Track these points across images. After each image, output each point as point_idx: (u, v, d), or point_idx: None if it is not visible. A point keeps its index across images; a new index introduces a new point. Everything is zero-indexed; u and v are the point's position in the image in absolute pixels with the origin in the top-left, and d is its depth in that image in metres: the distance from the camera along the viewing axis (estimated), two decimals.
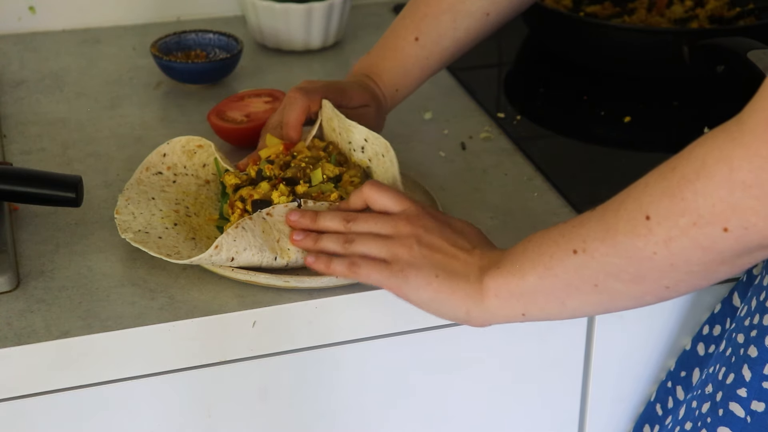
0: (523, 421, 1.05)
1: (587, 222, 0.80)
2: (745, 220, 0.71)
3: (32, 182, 0.95)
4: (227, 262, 0.89)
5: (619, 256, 0.77)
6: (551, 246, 0.82)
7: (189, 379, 0.92)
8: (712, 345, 1.00)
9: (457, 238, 0.88)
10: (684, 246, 0.74)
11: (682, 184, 0.73)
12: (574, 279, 0.80)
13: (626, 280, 0.78)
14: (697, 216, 0.72)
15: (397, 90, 1.08)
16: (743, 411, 0.89)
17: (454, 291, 0.86)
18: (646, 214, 0.75)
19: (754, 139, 0.69)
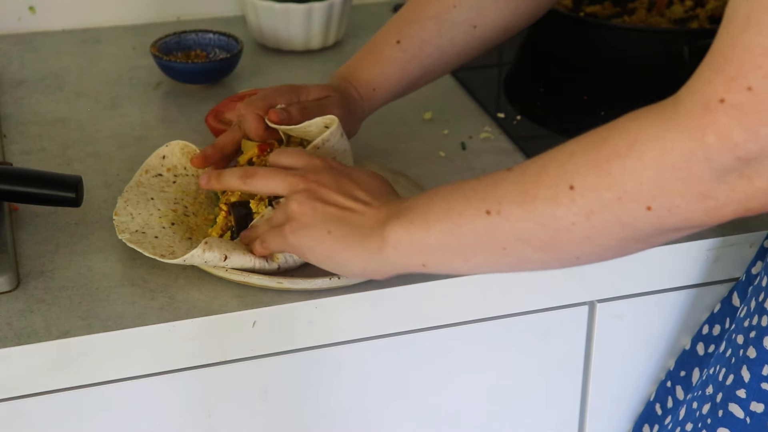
0: (523, 420, 1.05)
1: (503, 182, 0.77)
2: (669, 201, 0.70)
3: (32, 182, 0.95)
4: (221, 260, 0.89)
5: (535, 222, 0.75)
6: (461, 202, 0.79)
7: (189, 379, 0.92)
8: (711, 345, 1.00)
9: (354, 189, 0.87)
10: (605, 220, 0.72)
11: (612, 158, 0.71)
12: (482, 239, 0.78)
13: (537, 247, 0.76)
14: (623, 192, 0.71)
15: (374, 89, 1.06)
16: (742, 412, 0.89)
17: (349, 246, 0.84)
18: (570, 184, 0.73)
19: (688, 121, 0.68)
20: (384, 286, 0.92)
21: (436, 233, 0.80)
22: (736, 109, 0.66)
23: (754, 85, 0.65)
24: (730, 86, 0.66)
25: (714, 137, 0.67)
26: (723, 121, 0.66)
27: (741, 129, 0.66)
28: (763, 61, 0.64)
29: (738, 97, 0.65)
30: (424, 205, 0.82)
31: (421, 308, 0.94)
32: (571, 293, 0.99)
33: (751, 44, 0.65)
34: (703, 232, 1.00)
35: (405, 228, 0.82)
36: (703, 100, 0.67)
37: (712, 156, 0.67)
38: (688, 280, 1.01)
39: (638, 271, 0.99)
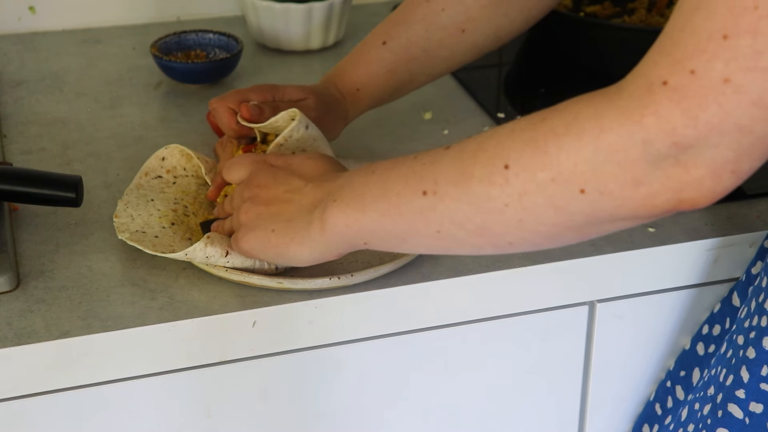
0: (523, 420, 1.05)
1: (441, 160, 0.76)
2: (602, 185, 0.68)
3: (32, 182, 0.95)
4: (223, 256, 0.89)
5: (468, 203, 0.74)
6: (399, 182, 0.78)
7: (189, 379, 0.92)
8: (711, 345, 1.00)
9: (291, 179, 0.86)
10: (537, 202, 0.71)
11: (549, 137, 0.70)
12: (417, 221, 0.77)
13: (470, 230, 0.75)
14: (557, 172, 0.69)
15: (358, 89, 1.05)
16: (742, 412, 0.89)
17: (292, 238, 0.84)
18: (505, 163, 0.71)
19: (630, 103, 0.66)
20: (384, 286, 0.92)
21: (373, 214, 0.79)
22: (677, 92, 0.64)
23: (697, 68, 0.64)
24: (674, 68, 0.65)
25: (653, 119, 0.65)
26: (663, 104, 0.65)
27: (680, 113, 0.64)
28: (708, 45, 0.63)
29: (680, 80, 0.64)
30: (360, 184, 0.81)
31: (421, 308, 0.94)
32: (571, 293, 0.99)
33: (698, 28, 0.64)
34: (703, 233, 1.00)
35: (342, 210, 0.81)
36: (647, 82, 0.66)
37: (649, 139, 0.66)
38: (689, 280, 1.01)
39: (638, 271, 0.99)
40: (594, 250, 0.97)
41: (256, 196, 0.87)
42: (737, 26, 0.62)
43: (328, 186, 0.84)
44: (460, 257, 0.96)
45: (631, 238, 0.99)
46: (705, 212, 1.03)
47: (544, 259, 0.96)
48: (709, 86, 0.63)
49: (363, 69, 1.05)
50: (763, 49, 0.62)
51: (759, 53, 0.62)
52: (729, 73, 0.63)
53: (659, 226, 1.01)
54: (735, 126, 0.64)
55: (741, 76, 0.62)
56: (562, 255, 0.97)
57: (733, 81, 0.63)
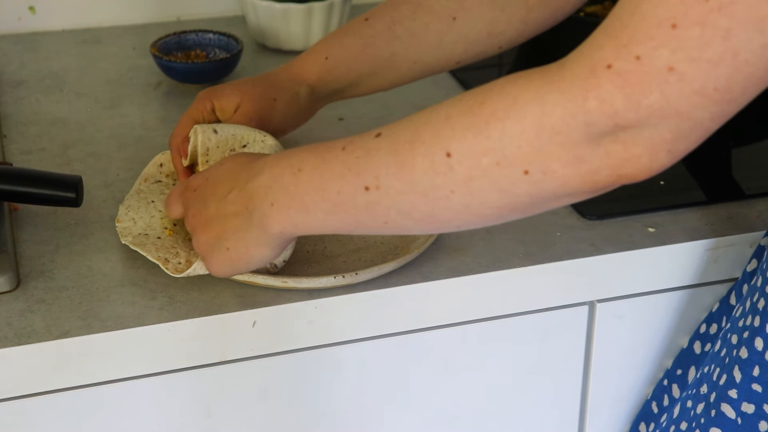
0: (523, 420, 1.05)
1: (376, 153, 0.75)
2: (545, 165, 0.68)
3: (32, 182, 0.95)
4: None
5: (414, 194, 0.73)
6: (336, 180, 0.77)
7: (189, 379, 0.92)
8: (708, 343, 1.00)
9: (215, 193, 0.85)
10: (483, 187, 0.71)
11: (490, 122, 0.69)
12: (363, 215, 0.77)
13: (417, 219, 0.75)
14: (501, 156, 0.69)
15: (326, 58, 1.00)
16: (734, 412, 0.89)
17: (247, 247, 0.84)
18: (447, 151, 0.71)
19: (572, 84, 0.66)
20: (384, 286, 0.92)
21: (317, 213, 0.79)
22: (621, 76, 0.65)
23: (642, 54, 0.64)
24: (619, 53, 0.65)
25: (595, 102, 0.65)
26: (606, 87, 0.65)
27: (623, 97, 0.65)
28: (657, 32, 0.63)
29: (625, 65, 0.64)
30: (292, 185, 0.79)
31: (421, 308, 0.94)
32: (571, 293, 0.99)
33: (648, 14, 0.64)
34: (703, 233, 1.00)
35: (283, 213, 0.80)
36: (591, 63, 0.66)
37: (592, 121, 0.66)
38: (688, 280, 1.01)
39: (638, 271, 0.99)
40: (594, 250, 0.97)
41: (196, 227, 0.86)
42: (687, 16, 0.62)
43: (250, 187, 0.82)
44: (461, 258, 0.96)
45: (631, 238, 0.99)
46: (705, 212, 1.03)
47: (544, 259, 0.96)
48: (653, 73, 0.64)
49: (336, 39, 1.01)
50: (710, 41, 0.62)
51: (705, 44, 0.62)
52: (674, 61, 0.63)
53: (659, 226, 1.01)
54: (675, 111, 0.64)
55: (685, 66, 0.63)
56: (562, 255, 0.97)
57: (677, 69, 0.63)
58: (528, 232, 0.99)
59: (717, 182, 1.09)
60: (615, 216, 1.02)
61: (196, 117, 1.01)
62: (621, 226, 1.01)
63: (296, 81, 1.02)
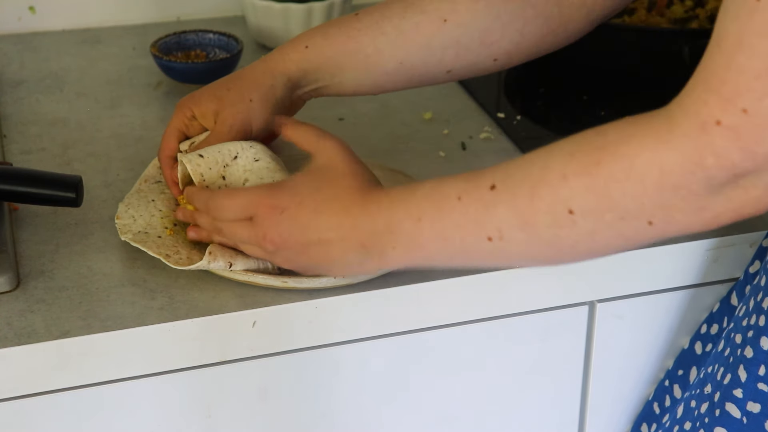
0: (523, 420, 1.05)
1: (495, 207, 0.76)
2: (669, 216, 0.71)
3: (32, 182, 0.95)
4: (227, 267, 0.90)
5: (539, 245, 0.76)
6: (455, 229, 0.78)
7: (189, 379, 0.92)
8: (709, 344, 1.00)
9: (328, 224, 0.83)
10: (607, 237, 0.74)
11: (610, 184, 0.72)
12: (488, 259, 0.80)
13: (542, 261, 0.79)
14: (624, 212, 0.72)
15: (307, 47, 0.98)
16: (739, 412, 0.89)
17: (352, 272, 0.87)
18: (568, 209, 0.73)
19: (686, 144, 0.69)
20: (384, 286, 0.92)
21: (440, 258, 0.81)
22: (731, 131, 0.67)
23: (749, 107, 0.66)
24: (725, 108, 0.67)
25: (712, 159, 0.68)
26: (720, 143, 0.68)
27: (738, 150, 0.67)
28: (756, 84, 0.66)
29: (734, 119, 0.67)
30: (414, 233, 0.80)
31: (421, 308, 0.94)
32: (571, 293, 0.99)
33: (744, 67, 0.66)
34: (703, 233, 1.00)
35: (407, 257, 0.81)
36: (699, 121, 0.68)
37: (711, 175, 0.69)
38: (689, 280, 1.01)
39: (638, 271, 0.99)
40: None
41: (287, 247, 0.85)
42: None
43: (368, 225, 0.82)
44: None
45: None
46: None
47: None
48: (763, 123, 0.67)
49: (321, 30, 0.99)
50: None
51: None
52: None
53: None
54: None
55: None
56: None
57: None
58: None
59: None
60: None
61: (179, 127, 1.00)
62: None
63: (272, 73, 0.99)
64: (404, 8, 0.98)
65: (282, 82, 0.99)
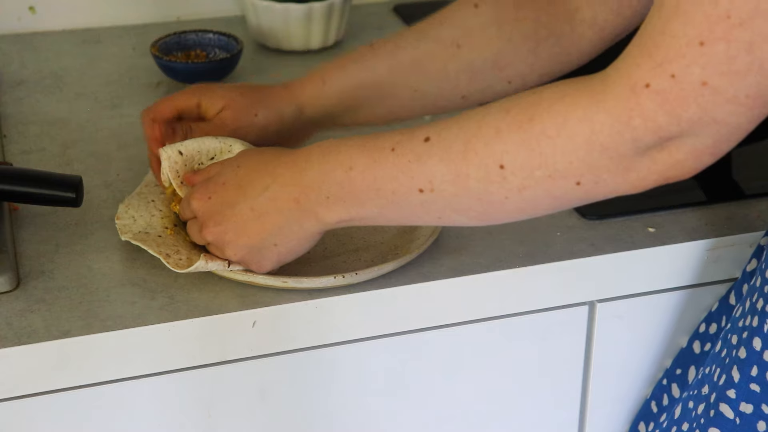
0: (523, 420, 1.05)
1: (428, 159, 0.78)
2: (597, 176, 0.73)
3: (32, 182, 0.95)
4: (226, 266, 0.90)
5: (469, 197, 0.78)
6: (389, 180, 0.80)
7: (189, 379, 0.92)
8: (707, 343, 1.00)
9: (257, 189, 0.86)
10: (536, 194, 0.76)
11: (542, 139, 0.73)
12: (418, 211, 0.81)
13: (472, 216, 0.80)
14: (554, 170, 0.74)
15: (324, 82, 1.00)
16: (732, 412, 0.89)
17: (298, 241, 0.87)
18: (500, 163, 0.75)
19: (616, 104, 0.71)
20: (384, 286, 0.92)
21: (372, 208, 0.82)
22: (659, 95, 0.69)
23: (677, 72, 0.68)
24: (655, 72, 0.69)
25: (639, 120, 0.70)
26: (648, 106, 0.69)
27: (664, 113, 0.69)
28: (687, 50, 0.67)
29: (662, 83, 0.69)
30: (346, 182, 0.82)
31: (421, 308, 0.94)
32: (571, 293, 0.99)
33: (677, 33, 0.68)
34: (703, 233, 1.00)
35: (340, 206, 0.83)
36: (630, 83, 0.70)
37: (638, 137, 0.71)
38: (688, 281, 1.01)
39: (638, 271, 0.99)
40: (594, 250, 0.97)
41: (226, 236, 0.88)
42: (713, 33, 0.67)
43: (300, 180, 0.84)
44: (461, 258, 0.96)
45: (631, 238, 0.99)
46: (705, 212, 1.03)
47: (544, 259, 0.96)
48: (689, 89, 0.68)
49: (336, 63, 1.01)
50: (736, 54, 0.67)
51: (732, 58, 0.67)
52: (706, 76, 0.68)
53: (659, 226, 1.01)
54: (713, 120, 0.69)
55: (717, 79, 0.68)
56: (562, 255, 0.97)
57: (710, 84, 0.68)
58: (528, 232, 0.99)
59: (717, 182, 1.09)
60: (615, 216, 1.02)
61: (179, 106, 1.01)
62: (621, 226, 1.01)
63: (286, 100, 1.01)
64: (418, 38, 1.00)
65: (291, 111, 1.01)
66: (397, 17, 1.46)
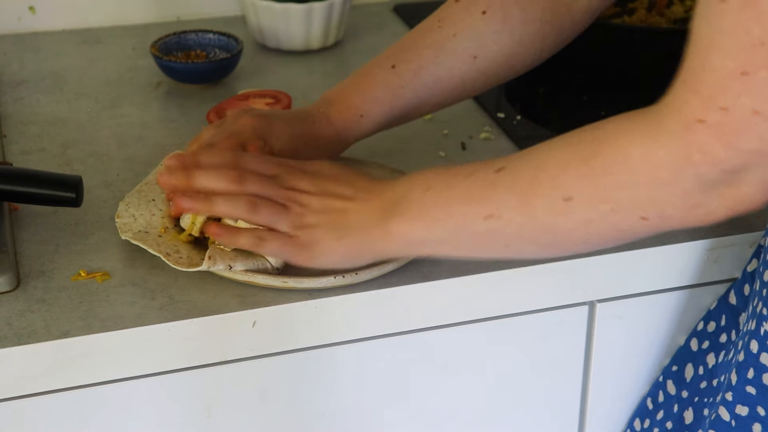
0: (523, 420, 1.05)
1: (497, 187, 0.80)
2: (662, 212, 0.74)
3: (32, 182, 0.95)
4: (227, 269, 0.90)
5: (535, 228, 0.79)
6: (459, 203, 0.82)
7: (189, 379, 0.92)
8: (705, 341, 1.00)
9: (338, 187, 0.88)
10: (601, 228, 0.77)
11: (605, 176, 0.74)
12: (485, 239, 0.82)
13: (539, 245, 0.81)
14: (618, 205, 0.75)
15: (362, 116, 1.01)
16: (728, 414, 0.89)
17: (361, 244, 0.87)
18: (565, 196, 0.76)
19: (672, 141, 0.71)
20: (384, 286, 0.92)
21: (440, 231, 0.83)
22: (713, 128, 0.69)
23: (728, 105, 0.68)
24: (705, 107, 0.69)
25: (699, 155, 0.70)
26: (704, 140, 0.70)
27: (722, 146, 0.69)
28: (732, 82, 0.68)
29: (714, 117, 0.69)
30: (420, 201, 0.84)
31: (421, 308, 0.94)
32: (571, 293, 0.99)
33: (718, 66, 0.68)
34: (704, 232, 1.00)
35: (409, 224, 0.84)
36: (683, 119, 0.70)
37: (700, 172, 0.71)
38: (688, 281, 1.01)
39: (638, 271, 0.99)
40: (594, 250, 0.97)
41: (307, 204, 0.88)
42: (753, 63, 0.67)
43: (388, 193, 0.86)
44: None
45: None
46: None
47: (544, 259, 0.96)
48: (742, 120, 0.68)
49: (369, 93, 1.01)
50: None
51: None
52: (756, 105, 0.68)
53: None
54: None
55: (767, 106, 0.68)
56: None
57: (762, 112, 0.68)
58: None
59: None
60: None
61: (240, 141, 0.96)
62: None
63: (333, 139, 1.01)
64: (437, 54, 1.01)
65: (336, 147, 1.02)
66: (397, 17, 1.46)
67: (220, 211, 0.88)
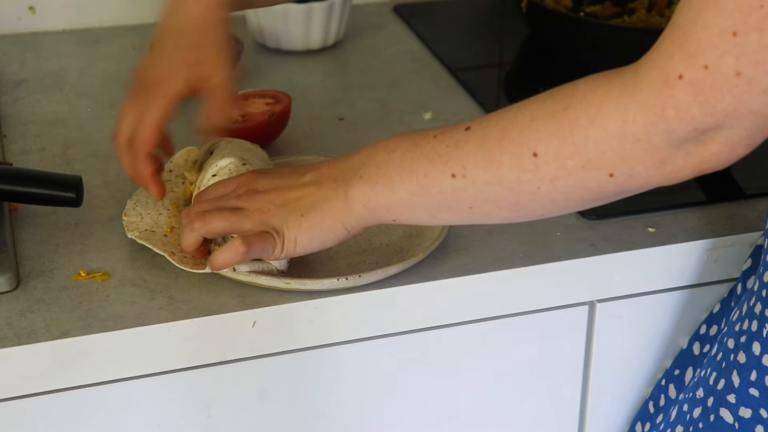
0: (523, 420, 1.05)
1: (464, 145, 0.79)
2: (630, 169, 0.73)
3: (32, 182, 0.95)
4: (230, 271, 0.90)
5: (501, 186, 0.78)
6: (424, 163, 0.81)
7: (189, 379, 0.92)
8: (707, 345, 1.00)
9: (299, 178, 0.88)
10: (568, 185, 0.76)
11: (574, 129, 0.74)
12: (449, 200, 0.81)
13: (503, 207, 0.80)
14: (586, 160, 0.74)
15: None
16: (732, 417, 0.89)
17: (323, 218, 0.86)
18: (533, 151, 0.76)
19: (649, 95, 0.71)
20: (384, 287, 0.92)
21: (403, 192, 0.82)
22: (693, 86, 0.69)
23: (710, 63, 0.68)
24: (688, 63, 0.69)
25: (673, 111, 0.70)
26: (681, 97, 0.69)
27: (698, 105, 0.69)
28: (720, 41, 0.67)
29: (695, 75, 0.69)
30: (384, 163, 0.83)
31: (421, 308, 0.94)
32: (571, 293, 0.99)
33: (710, 23, 0.68)
34: (703, 233, 1.00)
35: (370, 188, 0.83)
36: (663, 74, 0.70)
37: (671, 128, 0.70)
38: (688, 281, 1.01)
39: (638, 271, 0.99)
40: (594, 250, 0.97)
41: (270, 199, 0.87)
42: (746, 23, 0.66)
43: (346, 163, 0.86)
44: (461, 258, 0.96)
45: (631, 238, 0.99)
46: (705, 212, 1.03)
47: (544, 259, 0.96)
48: (723, 80, 0.68)
49: None
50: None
51: (766, 48, 0.67)
52: (740, 66, 0.67)
53: (659, 226, 1.01)
54: (748, 111, 0.69)
55: (751, 69, 0.67)
56: (562, 255, 0.97)
57: (744, 74, 0.68)
58: (528, 232, 0.99)
59: (717, 182, 1.09)
60: (615, 216, 1.02)
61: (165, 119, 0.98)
62: (621, 226, 1.01)
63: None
64: None
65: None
66: (397, 17, 1.46)
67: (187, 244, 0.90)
